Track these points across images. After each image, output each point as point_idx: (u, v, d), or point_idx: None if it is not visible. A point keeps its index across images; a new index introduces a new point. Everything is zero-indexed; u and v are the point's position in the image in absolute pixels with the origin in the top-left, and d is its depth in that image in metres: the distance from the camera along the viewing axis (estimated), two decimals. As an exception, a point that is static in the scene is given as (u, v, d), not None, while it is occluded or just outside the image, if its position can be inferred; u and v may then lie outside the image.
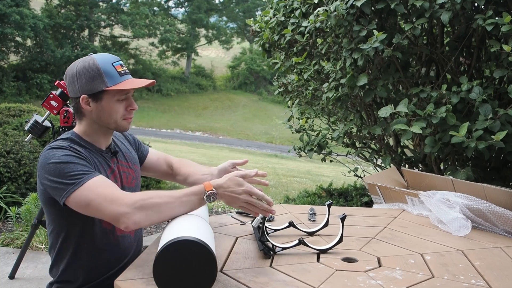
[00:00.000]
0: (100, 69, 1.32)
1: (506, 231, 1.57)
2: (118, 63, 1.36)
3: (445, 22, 2.12)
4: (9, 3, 20.62)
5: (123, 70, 1.36)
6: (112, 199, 1.20)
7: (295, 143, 3.52)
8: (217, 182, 1.25)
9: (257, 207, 1.25)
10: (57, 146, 1.30)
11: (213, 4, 32.33)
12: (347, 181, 4.67)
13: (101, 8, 27.19)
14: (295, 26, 2.85)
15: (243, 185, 1.25)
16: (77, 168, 1.25)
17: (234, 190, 1.24)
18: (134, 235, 1.48)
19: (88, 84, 1.33)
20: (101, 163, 1.38)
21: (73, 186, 1.21)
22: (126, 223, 1.18)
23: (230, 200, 1.25)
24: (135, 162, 1.56)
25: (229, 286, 1.06)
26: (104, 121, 1.37)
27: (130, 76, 1.39)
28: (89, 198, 1.21)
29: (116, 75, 1.33)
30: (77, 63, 1.36)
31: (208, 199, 1.22)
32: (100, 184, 1.24)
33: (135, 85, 1.34)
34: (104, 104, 1.35)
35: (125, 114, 1.38)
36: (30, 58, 23.20)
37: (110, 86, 1.32)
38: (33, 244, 3.04)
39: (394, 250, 1.35)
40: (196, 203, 1.24)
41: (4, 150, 3.67)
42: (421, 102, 2.29)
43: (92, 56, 1.36)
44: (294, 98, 3.42)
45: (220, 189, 1.24)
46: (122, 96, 1.36)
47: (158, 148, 1.83)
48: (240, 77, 31.13)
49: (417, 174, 2.12)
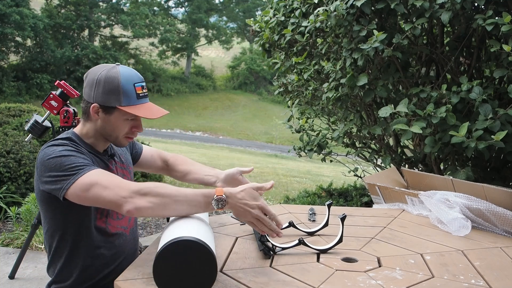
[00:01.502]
0: (120, 86, 1.31)
1: (506, 231, 1.57)
2: (140, 85, 1.36)
3: (445, 22, 2.12)
4: (9, 3, 20.62)
5: (142, 93, 1.36)
6: (115, 183, 1.19)
7: (295, 143, 3.52)
8: (230, 191, 1.18)
9: (265, 226, 1.19)
10: (57, 143, 1.31)
11: (213, 4, 32.34)
12: (347, 181, 4.67)
13: (101, 8, 27.19)
14: (295, 26, 2.85)
15: (258, 200, 1.19)
16: (78, 160, 1.25)
17: (247, 203, 1.17)
18: (129, 233, 1.48)
19: (103, 96, 1.32)
20: (99, 164, 1.38)
21: (75, 176, 1.20)
22: (127, 207, 1.15)
23: (240, 213, 1.19)
24: (129, 163, 1.57)
25: (229, 286, 1.06)
26: (106, 133, 1.38)
27: (147, 100, 1.38)
28: (91, 184, 1.19)
29: (133, 97, 1.33)
30: (102, 70, 1.34)
31: (216, 204, 1.16)
32: (102, 172, 1.24)
33: (146, 115, 1.33)
34: (112, 119, 1.35)
35: (128, 133, 1.38)
36: (30, 58, 23.21)
37: (124, 106, 1.32)
38: (33, 244, 3.04)
39: (394, 250, 1.35)
40: (203, 204, 1.18)
41: (4, 150, 3.67)
42: (421, 102, 2.29)
43: (118, 69, 1.33)
44: (294, 98, 3.42)
45: (234, 199, 1.17)
46: (132, 117, 1.36)
47: (158, 148, 1.83)
48: (240, 77, 31.14)
49: (417, 174, 2.12)
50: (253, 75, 30.82)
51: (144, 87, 1.38)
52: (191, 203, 1.19)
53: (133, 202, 1.15)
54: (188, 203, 1.19)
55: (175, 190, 1.19)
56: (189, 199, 1.18)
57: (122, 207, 1.16)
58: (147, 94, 1.40)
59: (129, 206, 1.15)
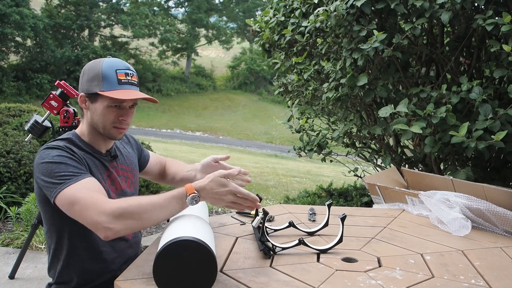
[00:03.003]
0: (100, 72, 1.31)
1: (506, 231, 1.57)
2: (123, 72, 1.33)
3: (445, 22, 2.12)
4: (9, 3, 20.63)
5: (126, 79, 1.33)
6: (93, 204, 1.17)
7: (295, 143, 3.52)
8: (199, 184, 1.22)
9: (242, 205, 1.24)
10: (53, 146, 1.30)
11: (213, 4, 32.35)
12: (347, 181, 4.67)
13: (101, 8, 27.20)
14: (295, 26, 2.85)
15: (227, 185, 1.22)
16: (68, 169, 1.24)
17: (218, 192, 1.21)
18: (132, 237, 1.46)
19: (87, 84, 1.33)
20: (97, 166, 1.37)
21: (61, 186, 1.21)
22: (105, 233, 1.15)
23: (214, 202, 1.23)
24: (134, 167, 1.56)
25: (229, 286, 1.06)
26: (95, 123, 1.36)
27: (132, 87, 1.34)
28: (72, 201, 1.19)
29: (114, 82, 1.31)
30: (89, 62, 1.37)
31: (190, 202, 1.19)
32: (85, 187, 1.22)
33: (123, 96, 1.30)
34: (97, 107, 1.34)
35: (115, 122, 1.35)
36: (30, 58, 23.22)
37: (104, 91, 1.30)
38: (33, 244, 3.04)
39: (394, 250, 1.35)
40: (178, 207, 1.20)
41: (4, 150, 3.67)
42: (421, 102, 2.29)
43: (102, 59, 1.35)
44: (294, 98, 3.42)
45: (203, 191, 1.21)
46: (114, 103, 1.33)
47: (158, 148, 1.84)
48: (240, 77, 31.15)
49: (417, 174, 2.12)
50: (253, 75, 30.82)
51: (130, 74, 1.34)
52: (167, 209, 1.20)
53: (109, 228, 1.15)
54: (164, 210, 1.20)
55: (148, 202, 1.19)
56: (163, 206, 1.19)
57: (100, 233, 1.16)
58: (134, 82, 1.35)
59: (106, 232, 1.15)
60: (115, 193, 1.41)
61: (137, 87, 1.37)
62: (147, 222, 1.19)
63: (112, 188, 1.40)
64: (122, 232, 1.17)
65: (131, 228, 1.19)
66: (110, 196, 1.36)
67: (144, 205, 1.18)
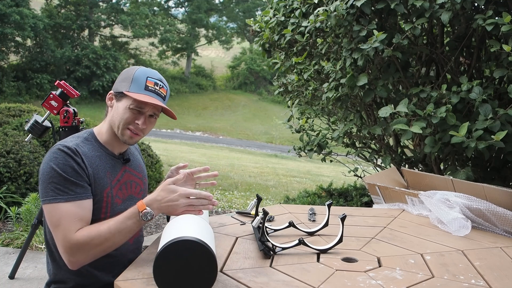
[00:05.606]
0: (133, 75, 1.37)
1: (506, 231, 1.57)
2: (153, 80, 1.37)
3: (445, 22, 2.12)
4: (9, 3, 20.63)
5: (153, 88, 1.37)
6: (62, 236, 1.22)
7: (295, 143, 3.52)
8: (150, 198, 1.24)
9: (198, 206, 1.25)
10: (64, 149, 1.29)
11: (213, 4, 32.36)
12: (347, 181, 4.67)
13: (101, 8, 27.19)
14: (295, 26, 2.85)
15: (177, 190, 1.23)
16: (65, 184, 1.25)
17: (170, 199, 1.22)
18: (133, 242, 1.45)
19: (118, 83, 1.40)
20: (108, 168, 1.37)
21: (50, 199, 1.25)
22: (69, 264, 1.24)
23: (170, 210, 1.24)
24: (145, 176, 1.56)
25: (229, 286, 1.06)
26: (113, 122, 1.38)
27: (157, 96, 1.36)
28: (51, 219, 1.25)
29: (141, 87, 1.35)
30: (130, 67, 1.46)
31: (145, 218, 1.21)
32: (68, 211, 1.24)
33: (145, 99, 1.32)
34: (119, 106, 1.37)
35: (130, 124, 1.36)
36: (30, 58, 23.21)
37: (129, 92, 1.34)
38: (33, 244, 3.04)
39: (394, 250, 1.35)
40: (134, 226, 1.23)
41: (4, 150, 3.67)
42: (421, 102, 2.29)
43: (140, 66, 1.43)
44: (294, 98, 3.42)
45: (156, 203, 1.23)
46: (136, 106, 1.35)
47: (158, 148, 1.84)
48: (240, 77, 31.15)
49: (417, 174, 2.12)
50: (253, 75, 30.83)
51: (159, 85, 1.38)
52: (125, 230, 1.23)
53: (71, 261, 1.23)
54: (122, 233, 1.23)
55: (106, 230, 1.23)
56: (121, 229, 1.23)
57: (66, 263, 1.24)
58: (160, 93, 1.38)
59: (70, 264, 1.23)
60: (122, 199, 1.40)
61: (162, 99, 1.40)
62: (109, 248, 1.24)
63: (120, 194, 1.40)
64: (87, 261, 1.24)
65: (94, 256, 1.24)
66: (114, 202, 1.37)
67: (104, 233, 1.22)
